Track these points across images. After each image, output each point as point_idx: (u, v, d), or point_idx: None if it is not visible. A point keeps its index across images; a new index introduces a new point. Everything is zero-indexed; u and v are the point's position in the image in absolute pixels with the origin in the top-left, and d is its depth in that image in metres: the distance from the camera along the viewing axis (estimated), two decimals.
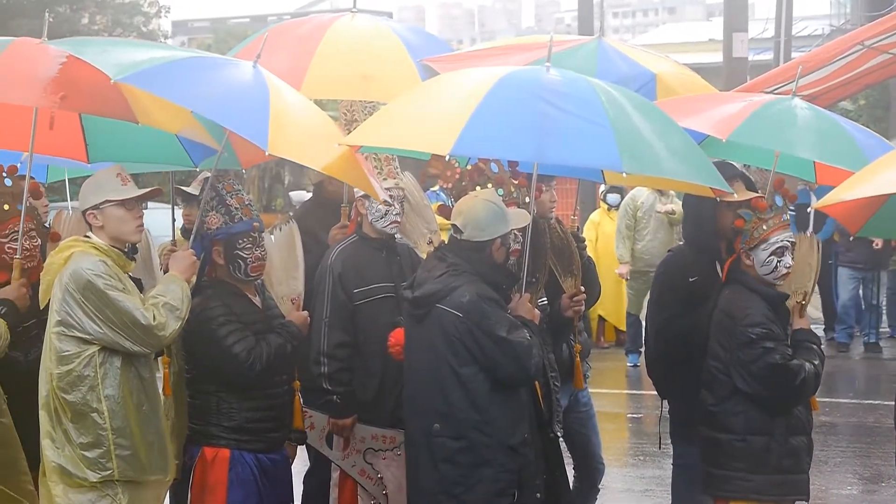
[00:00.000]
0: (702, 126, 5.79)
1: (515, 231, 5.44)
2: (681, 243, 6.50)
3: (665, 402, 6.34)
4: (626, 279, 12.87)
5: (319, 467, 6.34)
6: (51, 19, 5.23)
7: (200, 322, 5.14)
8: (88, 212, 5.03)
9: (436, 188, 10.40)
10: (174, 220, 6.39)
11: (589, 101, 5.02)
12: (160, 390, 5.22)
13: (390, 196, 5.87)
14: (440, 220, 6.38)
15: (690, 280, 5.96)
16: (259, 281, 5.48)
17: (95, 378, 4.86)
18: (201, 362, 5.29)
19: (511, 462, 5.23)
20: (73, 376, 4.85)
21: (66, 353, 4.86)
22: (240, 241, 5.30)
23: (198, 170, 6.08)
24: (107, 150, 5.77)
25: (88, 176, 5.35)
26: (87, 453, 4.86)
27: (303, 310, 5.60)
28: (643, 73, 6.68)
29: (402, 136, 5.25)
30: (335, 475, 6.10)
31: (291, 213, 7.94)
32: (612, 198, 13.74)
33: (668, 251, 6.85)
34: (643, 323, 11.01)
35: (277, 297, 5.58)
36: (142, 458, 4.96)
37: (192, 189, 6.48)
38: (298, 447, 5.83)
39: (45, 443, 4.93)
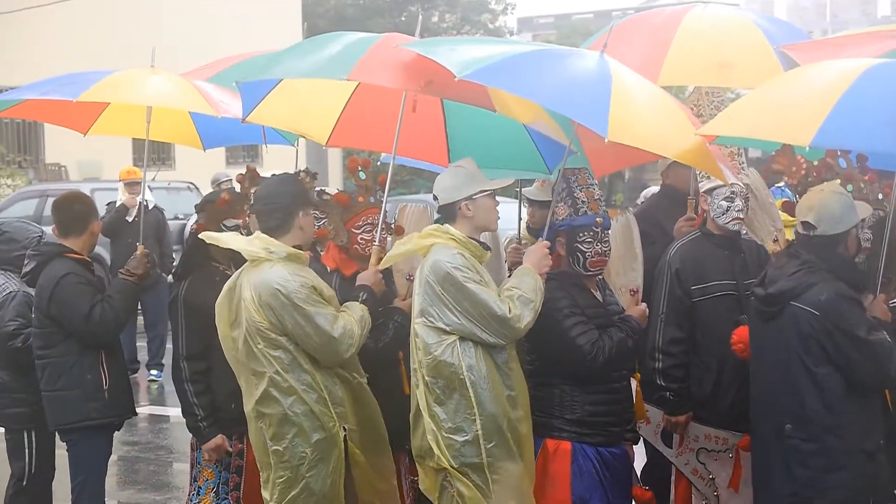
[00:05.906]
0: None
1: (867, 230, 5.27)
2: None
3: None
4: None
5: (657, 463, 6.33)
6: (403, 18, 5.45)
7: (546, 313, 5.14)
8: (462, 203, 5.14)
9: (781, 184, 10.15)
10: (520, 217, 6.51)
11: None
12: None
13: (732, 192, 5.79)
14: (784, 216, 6.23)
15: None
16: (600, 276, 5.50)
17: (460, 366, 4.96)
18: (545, 353, 5.34)
19: (866, 468, 5.05)
20: (438, 364, 4.98)
21: (430, 343, 5.00)
22: (580, 235, 5.32)
23: (551, 177, 6.13)
24: (466, 154, 5.93)
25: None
26: (455, 437, 4.98)
27: (641, 302, 5.58)
28: None
29: (760, 127, 5.11)
30: (675, 470, 6.08)
31: (630, 209, 7.93)
32: None
33: None
34: None
35: (616, 287, 5.58)
36: (508, 443, 5.03)
37: (535, 194, 6.60)
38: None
39: (415, 426, 5.10)
